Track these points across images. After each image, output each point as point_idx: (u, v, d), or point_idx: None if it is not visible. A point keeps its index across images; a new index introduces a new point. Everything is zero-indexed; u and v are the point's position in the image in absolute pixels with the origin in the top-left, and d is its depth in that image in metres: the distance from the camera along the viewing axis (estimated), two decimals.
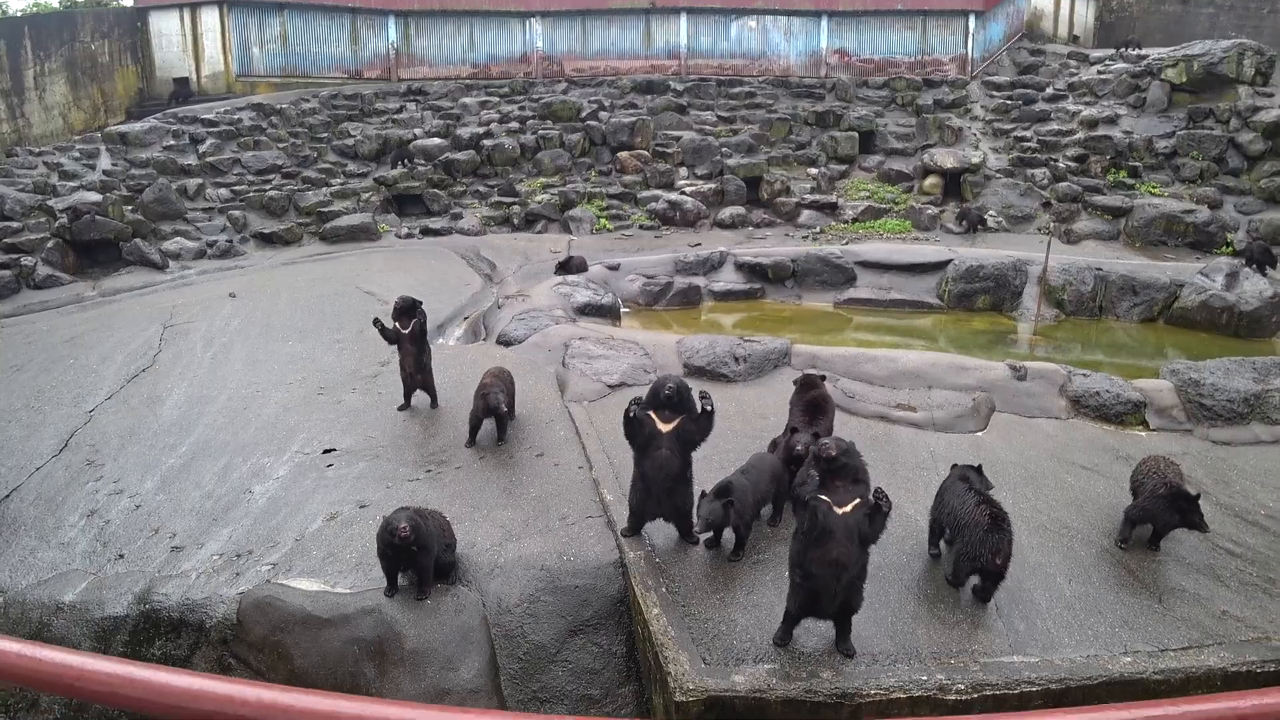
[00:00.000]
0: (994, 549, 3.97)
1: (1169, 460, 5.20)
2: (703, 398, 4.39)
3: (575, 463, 5.45)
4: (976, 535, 4.02)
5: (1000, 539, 3.99)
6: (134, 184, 13.40)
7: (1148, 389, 7.11)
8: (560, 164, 15.77)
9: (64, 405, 7.30)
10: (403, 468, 5.67)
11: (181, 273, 11.67)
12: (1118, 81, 16.62)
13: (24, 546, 5.59)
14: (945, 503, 4.34)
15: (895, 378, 7.19)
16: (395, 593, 4.35)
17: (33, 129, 14.97)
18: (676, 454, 4.24)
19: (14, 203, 12.00)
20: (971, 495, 4.22)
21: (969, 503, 4.17)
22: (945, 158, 15.47)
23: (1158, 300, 11.26)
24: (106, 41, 17.09)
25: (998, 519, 4.05)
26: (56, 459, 6.54)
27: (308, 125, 16.35)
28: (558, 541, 4.55)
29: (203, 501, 5.75)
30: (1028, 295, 11.46)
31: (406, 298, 6.56)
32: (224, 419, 6.82)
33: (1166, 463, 5.14)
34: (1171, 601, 4.43)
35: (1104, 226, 14.05)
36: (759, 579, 4.16)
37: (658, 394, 4.30)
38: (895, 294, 11.59)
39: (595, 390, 6.61)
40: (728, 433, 5.74)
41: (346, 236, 13.28)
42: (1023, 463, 5.97)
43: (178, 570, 5.12)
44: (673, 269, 11.48)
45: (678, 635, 3.67)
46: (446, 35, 18.97)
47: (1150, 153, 15.20)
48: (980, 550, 3.99)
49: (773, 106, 17.43)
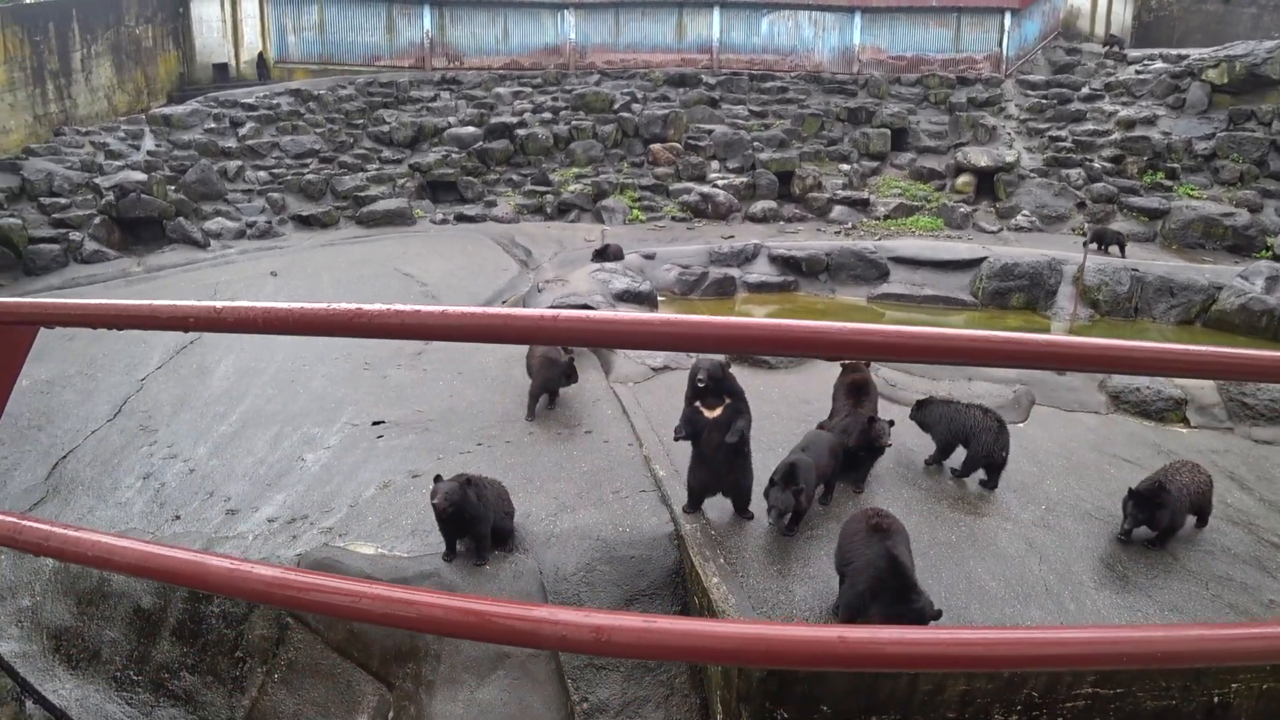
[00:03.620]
0: (1003, 446, 5.04)
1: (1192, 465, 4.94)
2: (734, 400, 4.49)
3: (624, 440, 5.54)
4: (988, 437, 5.01)
5: (1005, 438, 5.06)
6: (177, 164, 13.64)
7: (1189, 386, 7.08)
8: (593, 155, 15.84)
9: (116, 373, 7.49)
10: (453, 440, 5.78)
11: (223, 251, 11.87)
12: (1156, 82, 16.43)
13: (82, 505, 5.76)
14: (954, 420, 5.19)
15: (935, 368, 7.21)
16: (454, 558, 4.44)
17: (79, 110, 15.27)
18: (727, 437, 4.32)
19: (62, 179, 12.27)
20: (975, 409, 5.21)
21: (975, 414, 5.15)
22: (978, 156, 15.39)
23: (1195, 303, 11.15)
24: (150, 26, 17.38)
25: (1002, 422, 5.12)
26: (111, 423, 6.72)
27: (344, 111, 16.55)
28: (612, 514, 4.63)
29: (255, 468, 5.89)
30: (1062, 295, 11.40)
31: None
32: (272, 390, 6.96)
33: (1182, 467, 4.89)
34: (1218, 589, 4.46)
35: (1140, 228, 13.92)
36: (814, 553, 4.22)
37: (693, 385, 4.36)
38: (929, 290, 11.57)
39: (639, 372, 6.69)
40: (773, 416, 5.80)
41: (382, 221, 13.44)
42: (1065, 453, 5.99)
43: (234, 532, 5.26)
44: (707, 259, 11.52)
45: (738, 603, 3.74)
46: (480, 25, 19.09)
47: (1189, 154, 15.02)
48: (993, 448, 5.01)
49: (805, 102, 17.40)
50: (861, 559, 3.46)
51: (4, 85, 13.43)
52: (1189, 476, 4.80)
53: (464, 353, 7.49)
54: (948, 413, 5.23)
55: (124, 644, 4.87)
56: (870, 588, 3.30)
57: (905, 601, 3.25)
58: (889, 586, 3.24)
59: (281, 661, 4.68)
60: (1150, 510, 4.56)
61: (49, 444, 6.50)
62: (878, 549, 3.38)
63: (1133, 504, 4.60)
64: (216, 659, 4.69)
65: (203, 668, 4.67)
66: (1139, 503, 4.58)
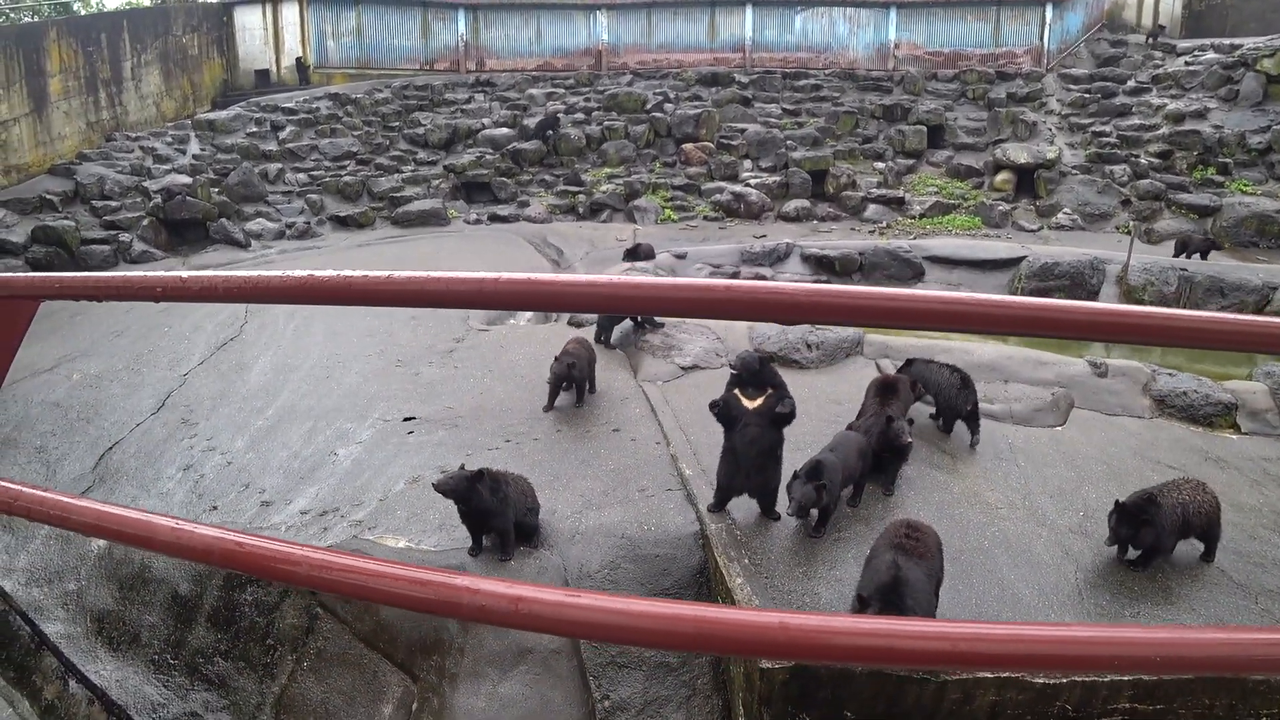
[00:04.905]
0: (965, 400, 5.50)
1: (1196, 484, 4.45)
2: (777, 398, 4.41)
3: (652, 439, 5.52)
4: (951, 391, 5.51)
5: (968, 393, 5.51)
6: (220, 168, 14.05)
7: (1240, 390, 6.81)
8: (625, 155, 15.88)
9: (160, 368, 7.73)
10: (481, 437, 5.82)
11: (263, 251, 12.17)
12: (1207, 73, 15.87)
13: (126, 494, 5.95)
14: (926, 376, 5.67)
15: (971, 370, 7.04)
16: (480, 552, 4.48)
17: (129, 116, 15.81)
18: (766, 430, 4.24)
19: (113, 183, 12.71)
20: (945, 368, 5.66)
21: (944, 372, 5.63)
22: (1018, 153, 15.03)
23: (1248, 304, 10.74)
24: (196, 35, 17.92)
25: (966, 378, 5.57)
26: (155, 417, 6.93)
27: (380, 114, 16.85)
28: (637, 512, 4.62)
29: (290, 461, 6.02)
30: (1105, 295, 11.07)
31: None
32: (307, 386, 7.11)
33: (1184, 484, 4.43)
34: (1268, 603, 4.26)
35: (1189, 226, 13.45)
36: (841, 555, 4.15)
37: (740, 371, 4.32)
38: (965, 290, 11.33)
39: (669, 371, 6.67)
40: (803, 416, 5.70)
41: (417, 221, 13.65)
42: (1105, 458, 5.80)
43: (268, 523, 5.38)
44: (739, 259, 11.46)
45: (762, 604, 3.69)
46: (514, 28, 19.27)
47: (1242, 149, 14.47)
48: (956, 400, 5.48)
49: (839, 99, 17.21)
50: (873, 568, 3.40)
51: (59, 94, 13.96)
52: (1189, 495, 4.32)
53: (494, 350, 7.55)
54: (922, 371, 5.78)
55: (162, 628, 5.02)
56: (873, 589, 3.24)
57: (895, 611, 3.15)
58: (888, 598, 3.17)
59: (310, 650, 4.77)
60: (1135, 526, 4.14)
61: (96, 435, 6.73)
62: (889, 561, 3.31)
63: (1116, 518, 4.19)
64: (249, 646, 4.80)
65: (235, 654, 4.78)
66: (1123, 517, 4.16)
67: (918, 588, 3.33)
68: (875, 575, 3.34)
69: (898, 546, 3.45)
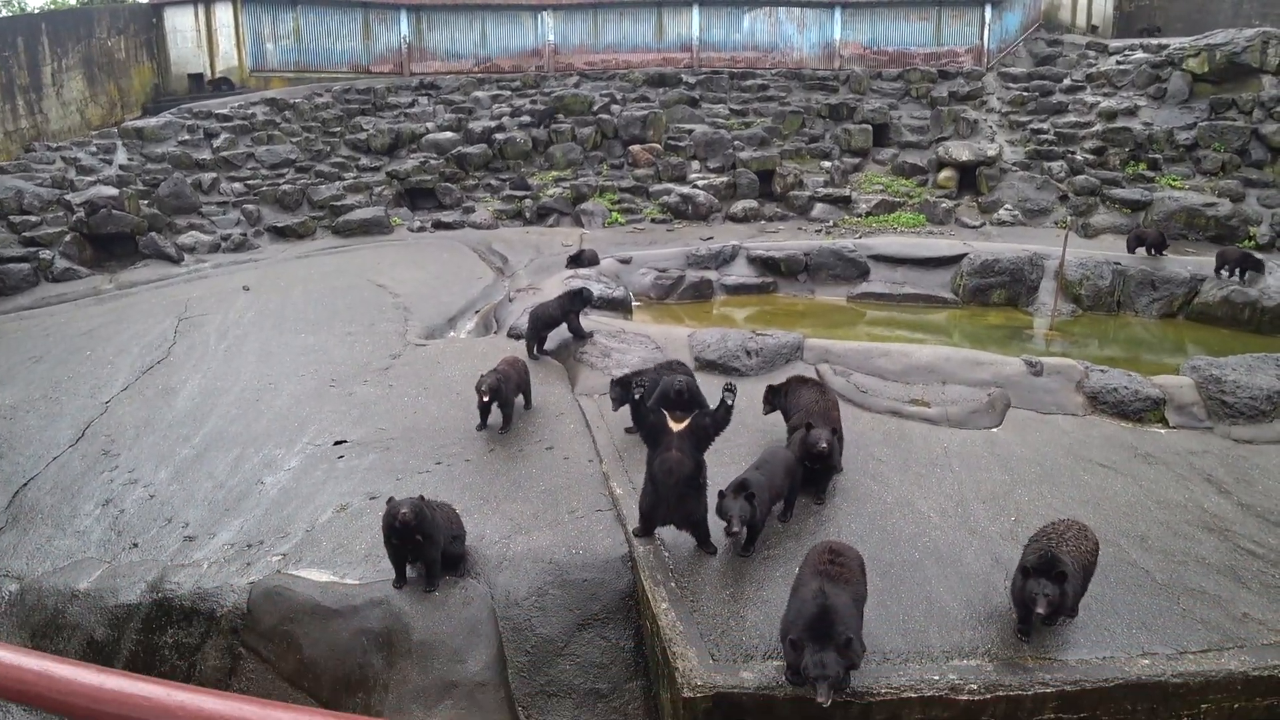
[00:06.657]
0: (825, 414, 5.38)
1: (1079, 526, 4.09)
2: (726, 390, 4.30)
3: (585, 456, 5.43)
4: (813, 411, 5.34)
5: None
6: (150, 178, 13.50)
7: (1168, 385, 6.97)
8: (572, 158, 15.73)
9: (81, 396, 7.37)
10: (413, 459, 5.67)
11: (196, 266, 11.74)
12: (1137, 72, 16.34)
13: (41, 534, 5.64)
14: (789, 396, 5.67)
15: (909, 372, 7.11)
16: (404, 584, 4.34)
17: (50, 125, 15.11)
18: (689, 455, 4.13)
19: (32, 197, 12.12)
20: (810, 388, 5.69)
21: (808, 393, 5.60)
22: (960, 150, 15.30)
23: (1178, 296, 11.07)
24: (123, 38, 17.21)
25: (823, 388, 5.77)
26: (73, 449, 6.60)
27: (320, 120, 16.41)
28: (567, 535, 4.53)
29: (215, 492, 5.79)
30: (1044, 290, 11.31)
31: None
32: (237, 410, 6.85)
33: (1067, 530, 4.02)
34: (1190, 603, 4.33)
35: (1122, 220, 13.84)
36: (769, 575, 4.12)
37: (667, 393, 4.22)
38: (909, 288, 11.48)
39: (606, 384, 6.58)
40: (740, 427, 5.69)
41: (359, 230, 13.32)
42: (1039, 460, 5.89)
43: (190, 559, 5.15)
44: (685, 262, 11.42)
45: (686, 631, 3.64)
46: (458, 29, 18.95)
47: (1171, 145, 14.94)
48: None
49: (786, 99, 17.29)
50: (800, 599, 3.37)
51: None
52: (1074, 542, 3.93)
53: (430, 367, 7.38)
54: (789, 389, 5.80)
55: None
56: (803, 627, 3.21)
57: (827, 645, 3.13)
58: (817, 631, 3.14)
59: (234, 691, 4.58)
60: (1060, 584, 3.65)
61: (10, 471, 6.38)
62: (815, 589, 3.29)
63: (1034, 582, 3.63)
64: None
65: None
66: (1047, 576, 3.63)
67: (845, 614, 3.30)
68: (803, 609, 3.30)
69: (822, 573, 3.42)
